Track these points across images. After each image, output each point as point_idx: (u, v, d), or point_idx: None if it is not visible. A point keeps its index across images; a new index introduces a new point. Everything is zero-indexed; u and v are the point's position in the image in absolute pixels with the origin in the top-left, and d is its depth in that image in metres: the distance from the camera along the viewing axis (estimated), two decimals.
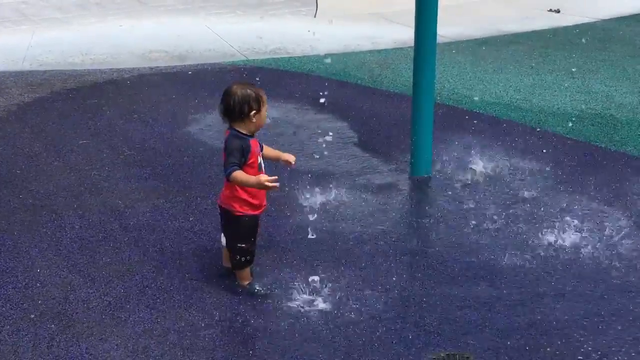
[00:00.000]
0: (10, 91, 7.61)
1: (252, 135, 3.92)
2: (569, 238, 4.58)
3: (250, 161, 3.86)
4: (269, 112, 4.25)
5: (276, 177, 3.79)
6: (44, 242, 4.61)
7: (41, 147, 6.14)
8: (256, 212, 3.97)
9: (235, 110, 3.85)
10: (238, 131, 3.89)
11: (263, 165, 3.98)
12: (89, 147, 6.13)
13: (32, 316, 3.86)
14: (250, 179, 3.79)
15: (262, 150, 4.06)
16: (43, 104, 7.24)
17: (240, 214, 3.92)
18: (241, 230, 3.95)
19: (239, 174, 3.79)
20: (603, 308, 3.90)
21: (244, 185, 3.84)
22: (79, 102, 7.28)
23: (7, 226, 4.81)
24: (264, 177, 3.76)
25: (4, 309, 3.93)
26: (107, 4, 11.83)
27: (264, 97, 3.91)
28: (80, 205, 5.09)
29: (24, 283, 4.16)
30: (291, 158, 4.10)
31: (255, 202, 3.93)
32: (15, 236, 4.68)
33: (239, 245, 3.96)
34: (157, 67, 8.50)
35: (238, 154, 3.82)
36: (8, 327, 3.78)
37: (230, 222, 3.97)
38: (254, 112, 3.85)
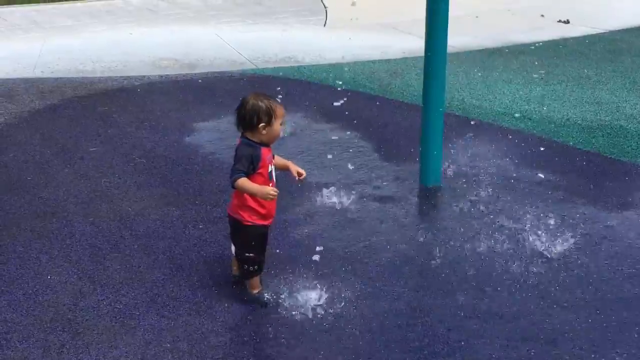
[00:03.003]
0: (21, 98, 7.65)
1: (265, 144, 3.93)
2: (579, 249, 4.57)
3: (260, 170, 3.88)
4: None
5: (277, 190, 3.84)
6: (55, 248, 4.63)
7: (52, 154, 6.18)
8: (265, 223, 3.98)
9: (246, 121, 3.87)
10: (250, 139, 3.90)
11: (274, 174, 3.99)
12: (100, 154, 6.16)
13: (42, 323, 3.87)
14: (254, 187, 3.80)
15: (273, 158, 4.07)
16: (54, 110, 7.28)
17: (249, 223, 3.93)
18: (249, 240, 3.96)
19: (243, 181, 3.80)
20: (613, 319, 3.89)
21: (247, 193, 3.85)
22: (90, 109, 7.32)
23: (18, 233, 4.83)
24: (268, 188, 3.79)
25: (14, 315, 3.94)
26: (117, 12, 11.89)
27: (279, 111, 3.89)
28: (91, 212, 5.11)
29: (34, 289, 4.18)
30: (302, 170, 4.11)
31: (263, 211, 3.93)
32: (25, 243, 4.70)
33: (247, 254, 3.97)
34: (167, 75, 8.54)
35: (246, 162, 3.83)
36: (18, 333, 3.79)
37: (239, 232, 3.98)
38: (262, 124, 3.85)
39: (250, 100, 3.88)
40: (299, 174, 4.10)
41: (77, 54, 9.41)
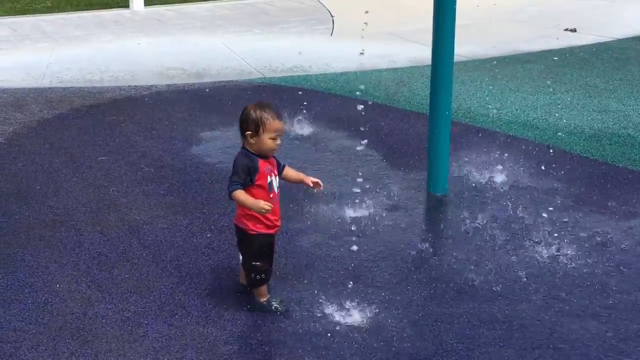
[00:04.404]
0: (30, 107, 7.69)
1: (263, 156, 3.93)
2: (588, 258, 4.56)
3: (258, 182, 3.87)
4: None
5: (271, 205, 3.81)
6: (63, 257, 4.65)
7: (60, 163, 6.20)
8: (270, 232, 3.98)
9: (239, 127, 3.90)
10: (247, 150, 3.91)
11: (275, 186, 3.97)
12: (108, 163, 6.18)
13: (51, 331, 3.88)
14: (249, 200, 3.80)
15: (282, 171, 4.07)
16: (62, 120, 7.31)
17: (254, 232, 3.93)
18: (255, 249, 3.96)
19: (239, 194, 3.80)
20: (624, 329, 3.88)
21: (242, 206, 3.86)
22: (98, 118, 7.35)
23: (27, 242, 4.85)
24: (262, 203, 3.78)
25: (23, 323, 3.96)
26: (125, 22, 11.95)
27: (270, 125, 3.83)
28: (99, 221, 5.13)
29: (43, 298, 4.20)
30: (316, 180, 4.12)
31: (267, 221, 3.94)
32: (34, 252, 4.72)
33: (253, 263, 3.98)
34: (175, 84, 8.57)
35: (243, 173, 3.83)
36: (28, 342, 3.80)
37: (244, 241, 3.99)
38: (249, 133, 3.85)
39: (247, 108, 3.91)
40: (315, 184, 4.11)
41: (86, 63, 9.46)
